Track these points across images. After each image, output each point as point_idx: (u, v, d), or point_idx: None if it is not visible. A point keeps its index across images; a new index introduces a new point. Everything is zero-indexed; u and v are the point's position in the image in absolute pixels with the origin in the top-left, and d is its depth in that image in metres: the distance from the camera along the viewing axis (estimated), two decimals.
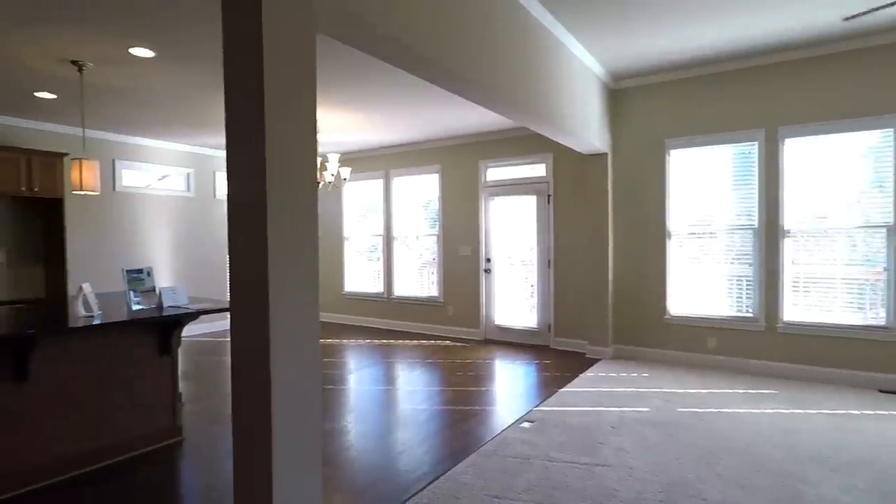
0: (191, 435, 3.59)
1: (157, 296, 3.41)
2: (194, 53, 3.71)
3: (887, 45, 4.27)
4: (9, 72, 4.06)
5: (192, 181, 7.40)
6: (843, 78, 4.47)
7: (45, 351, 2.84)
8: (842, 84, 4.47)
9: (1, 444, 2.71)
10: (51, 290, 5.80)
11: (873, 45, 4.30)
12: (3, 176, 5.13)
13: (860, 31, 4.12)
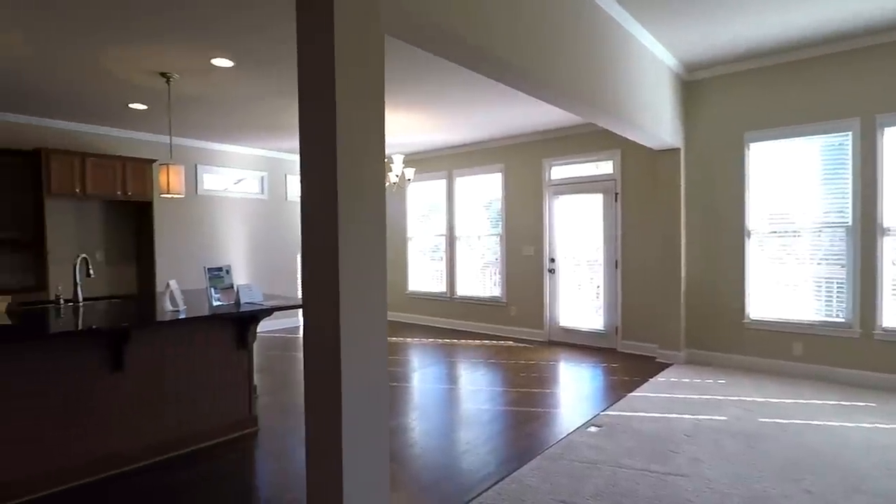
0: (265, 426, 3.77)
1: (234, 293, 3.60)
2: (270, 62, 3.89)
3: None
4: (107, 86, 4.44)
5: (265, 184, 7.78)
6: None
7: (136, 343, 3.07)
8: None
9: (99, 429, 2.96)
10: (141, 287, 6.28)
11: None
12: (101, 182, 5.61)
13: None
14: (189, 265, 6.77)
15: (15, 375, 2.66)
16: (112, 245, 6.18)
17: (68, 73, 4.08)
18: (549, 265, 6.69)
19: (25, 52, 3.64)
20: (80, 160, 5.45)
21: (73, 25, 3.22)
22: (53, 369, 2.79)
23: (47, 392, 2.77)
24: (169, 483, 2.90)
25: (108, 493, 2.77)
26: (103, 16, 3.09)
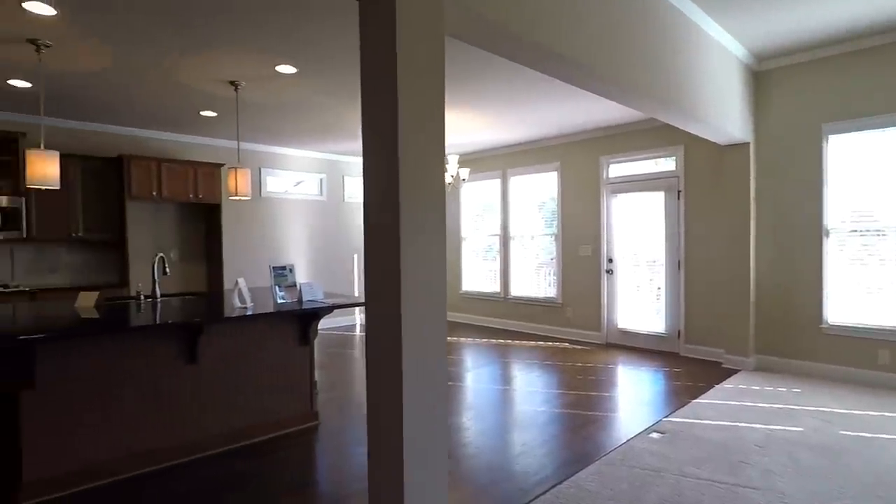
0: (325, 420, 3.88)
1: (297, 290, 3.74)
2: (330, 67, 4.01)
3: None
4: (181, 95, 4.72)
5: (324, 186, 8.03)
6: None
7: (208, 337, 3.25)
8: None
9: (175, 417, 3.15)
10: (211, 284, 6.63)
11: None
12: (175, 185, 5.97)
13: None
14: (253, 264, 7.08)
15: (102, 364, 2.88)
16: (184, 244, 6.56)
17: (148, 84, 4.37)
18: (607, 265, 6.52)
19: (112, 66, 3.93)
20: (156, 165, 5.82)
21: (153, 40, 3.44)
22: (135, 360, 2.99)
23: (130, 381, 2.98)
24: (237, 471, 3.04)
25: (182, 478, 2.95)
26: (179, 30, 3.29)
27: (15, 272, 5.42)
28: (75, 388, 2.80)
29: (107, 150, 5.86)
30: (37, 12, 3.00)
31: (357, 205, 8.46)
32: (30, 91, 4.52)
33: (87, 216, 5.55)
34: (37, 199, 5.23)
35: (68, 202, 5.42)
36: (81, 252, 5.83)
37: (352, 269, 8.40)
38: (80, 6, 2.96)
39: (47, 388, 2.71)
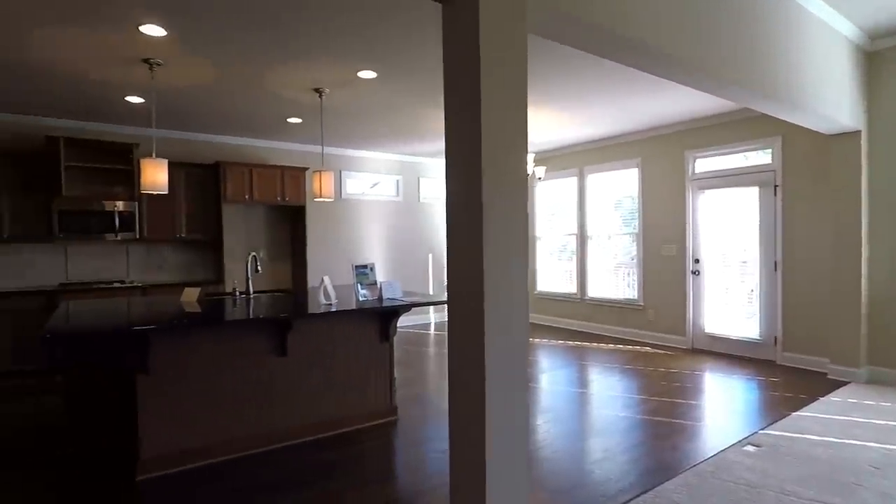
0: (403, 415, 3.97)
1: (378, 288, 3.86)
2: (410, 70, 4.10)
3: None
4: (271, 105, 5.03)
5: (400, 187, 8.22)
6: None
7: (297, 332, 3.43)
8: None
9: (268, 407, 3.35)
10: (296, 282, 7.01)
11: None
12: (264, 189, 6.37)
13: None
14: (334, 262, 7.39)
15: (205, 354, 3.13)
16: (272, 244, 6.97)
17: (243, 95, 4.69)
18: (693, 266, 6.16)
19: (213, 80, 4.26)
20: (248, 171, 6.24)
21: (248, 55, 3.69)
22: (233, 350, 3.23)
23: (229, 370, 3.21)
24: (323, 460, 3.19)
25: (274, 463, 3.13)
26: (270, 43, 3.50)
27: (129, 269, 6.02)
28: (182, 374, 3.06)
29: (206, 157, 6.36)
30: (151, 34, 3.31)
31: (432, 205, 8.59)
32: (142, 106, 5.00)
33: (188, 218, 6.05)
34: (148, 204, 5.77)
35: (174, 206, 5.94)
36: (184, 251, 6.36)
37: (427, 268, 8.54)
38: (187, 27, 3.23)
39: (158, 373, 2.99)
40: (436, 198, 8.63)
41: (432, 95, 4.79)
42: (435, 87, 4.52)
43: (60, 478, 2.98)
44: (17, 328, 5.01)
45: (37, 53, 3.63)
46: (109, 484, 2.88)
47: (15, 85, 4.33)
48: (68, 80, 4.22)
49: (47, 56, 3.68)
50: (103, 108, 5.10)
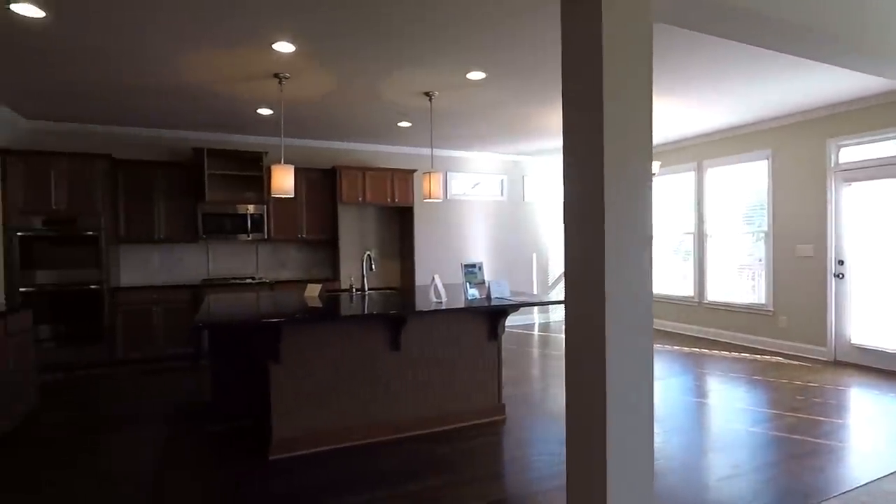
0: (510, 415, 3.96)
1: (486, 288, 3.88)
2: (519, 70, 4.08)
3: None
4: (383, 110, 5.27)
5: (504, 186, 8.21)
6: None
7: (410, 328, 3.56)
8: None
9: (382, 399, 3.52)
10: (404, 280, 7.27)
11: None
12: (376, 191, 6.69)
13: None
14: (441, 261, 7.57)
15: (328, 345, 3.36)
16: (382, 244, 7.30)
17: (359, 102, 4.96)
18: (836, 268, 5.47)
19: (333, 90, 4.56)
20: (361, 174, 6.59)
21: (365, 64, 3.90)
22: (353, 343, 3.43)
23: (349, 361, 3.42)
24: (434, 454, 3.28)
25: (386, 453, 3.28)
26: (385, 52, 3.67)
27: (258, 266, 6.63)
28: (307, 364, 3.31)
29: (323, 162, 6.82)
30: (282, 51, 3.62)
31: (536, 204, 8.47)
32: (270, 117, 5.48)
33: (308, 220, 6.53)
34: (274, 207, 6.31)
35: (296, 208, 6.44)
36: (304, 250, 6.88)
37: (530, 268, 8.45)
38: (314, 43, 3.48)
39: (288, 362, 3.25)
40: (540, 197, 8.50)
41: (540, 93, 4.72)
42: (543, 84, 4.46)
43: (209, 451, 3.36)
44: (169, 318, 5.73)
45: (187, 76, 4.12)
46: (247, 461, 3.20)
47: (169, 104, 4.95)
48: (211, 98, 4.74)
49: (195, 77, 4.16)
50: (238, 121, 5.67)
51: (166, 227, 5.89)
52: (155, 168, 5.84)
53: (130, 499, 2.74)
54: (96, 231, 5.37)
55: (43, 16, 3.04)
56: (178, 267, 6.26)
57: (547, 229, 8.58)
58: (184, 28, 3.25)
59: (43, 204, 5.18)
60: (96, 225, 5.37)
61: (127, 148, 5.95)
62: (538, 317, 8.51)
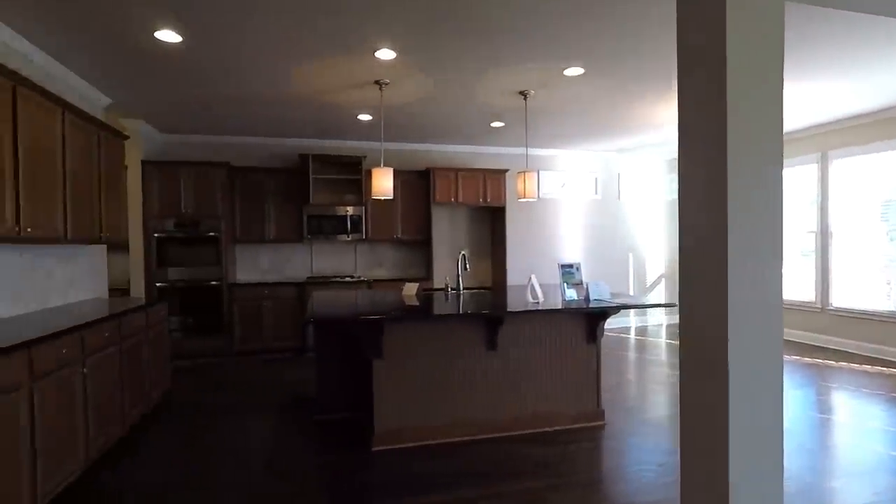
0: (610, 421, 3.82)
1: (585, 289, 3.78)
2: (619, 62, 3.93)
3: None
4: (477, 111, 5.30)
5: (598, 184, 7.94)
6: None
7: (506, 328, 3.55)
8: None
9: (479, 397, 3.54)
10: (495, 280, 7.28)
11: None
12: (468, 191, 6.75)
13: None
14: (532, 261, 7.48)
15: (426, 343, 3.44)
16: (473, 243, 7.35)
17: (453, 104, 5.04)
18: None
19: (429, 94, 4.67)
20: (454, 175, 6.69)
21: (461, 66, 3.95)
22: (450, 342, 3.48)
23: (446, 359, 3.48)
24: (531, 456, 3.24)
25: (481, 452, 3.29)
26: (481, 53, 3.69)
27: (357, 265, 6.95)
28: (407, 360, 3.42)
29: (418, 164, 6.99)
30: (383, 58, 3.77)
31: (632, 202, 8.10)
32: (369, 122, 5.72)
33: (403, 221, 6.73)
34: (372, 208, 6.58)
35: (392, 210, 6.67)
36: (399, 250, 7.10)
37: (626, 269, 8.10)
38: (413, 47, 3.59)
39: (389, 358, 3.38)
40: (636, 195, 8.12)
41: (643, 85, 4.50)
42: (647, 76, 4.25)
43: (315, 439, 3.58)
44: (277, 312, 6.17)
45: (297, 87, 4.41)
46: (350, 450, 3.36)
47: (279, 113, 5.33)
48: (316, 106, 5.04)
49: (304, 88, 4.45)
50: (339, 127, 5.97)
51: (275, 228, 6.35)
52: (266, 174, 6.32)
53: (249, 471, 2.99)
54: (217, 232, 5.92)
55: (180, 40, 3.40)
56: (286, 265, 6.72)
57: (644, 228, 8.18)
58: (295, 43, 3.48)
59: (174, 208, 5.80)
60: (217, 227, 5.92)
61: (242, 156, 6.50)
62: (635, 320, 8.14)
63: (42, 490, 2.47)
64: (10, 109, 2.80)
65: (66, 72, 3.95)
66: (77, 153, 3.56)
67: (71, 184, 3.45)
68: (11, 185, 2.80)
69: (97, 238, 3.87)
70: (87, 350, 2.97)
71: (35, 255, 3.54)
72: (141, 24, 3.16)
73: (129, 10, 3.00)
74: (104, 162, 3.99)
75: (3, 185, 2.73)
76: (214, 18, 3.12)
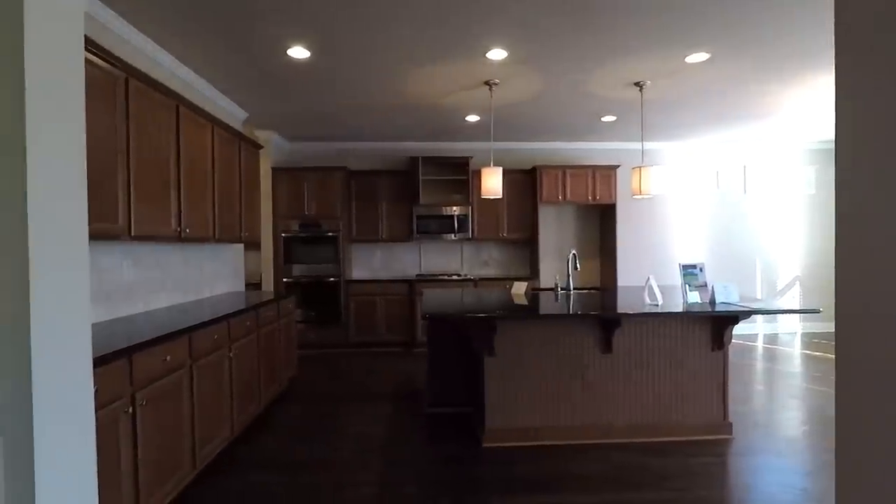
0: (738, 436, 3.52)
1: (710, 291, 3.52)
2: (752, 45, 3.60)
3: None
4: (587, 106, 5.15)
5: (719, 178, 7.33)
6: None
7: (623, 330, 3.41)
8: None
9: (590, 402, 3.44)
10: (603, 280, 7.02)
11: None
12: (576, 189, 6.57)
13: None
14: (643, 261, 7.11)
15: (538, 343, 3.42)
16: (581, 242, 7.15)
17: (562, 100, 4.94)
18: None
19: (539, 91, 4.63)
20: (561, 172, 6.55)
21: (572, 60, 3.87)
22: (562, 342, 3.43)
23: (557, 360, 3.43)
24: (644, 466, 3.09)
25: (591, 458, 3.19)
26: (595, 46, 3.58)
27: (463, 264, 7.07)
28: (521, 359, 3.42)
29: (524, 163, 6.95)
30: (494, 59, 3.80)
31: (760, 197, 7.38)
32: (476, 123, 5.80)
33: (509, 220, 6.73)
34: (478, 208, 6.66)
35: (498, 209, 6.70)
36: (505, 249, 7.11)
37: (753, 271, 7.39)
38: (525, 47, 3.58)
39: (502, 356, 3.40)
40: (764, 189, 7.38)
41: (779, 67, 4.09)
42: (784, 57, 3.85)
43: (427, 431, 3.71)
44: (388, 308, 6.47)
45: (411, 91, 4.59)
46: (460, 445, 3.43)
47: (392, 119, 5.59)
48: (427, 109, 5.21)
49: (416, 92, 4.62)
50: (448, 129, 6.12)
51: (387, 228, 6.67)
52: (379, 176, 6.65)
53: (368, 456, 3.18)
54: (335, 232, 6.34)
55: (308, 55, 3.70)
56: (396, 263, 7.03)
57: (774, 225, 7.41)
58: (412, 51, 3.64)
59: (299, 210, 6.31)
60: (335, 227, 6.34)
61: (358, 160, 6.90)
62: (763, 327, 7.41)
63: (199, 455, 2.83)
64: (174, 126, 3.23)
65: (214, 91, 4.47)
66: (223, 162, 4.01)
67: (218, 190, 3.89)
68: (175, 192, 3.24)
69: (238, 238, 4.33)
70: (232, 336, 3.35)
71: (189, 253, 4.05)
72: (276, 43, 3.49)
73: (265, 32, 3.32)
74: (244, 170, 4.45)
75: (170, 192, 3.16)
76: (341, 33, 3.35)
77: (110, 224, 2.59)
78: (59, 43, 1.40)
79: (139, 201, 2.82)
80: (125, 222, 2.70)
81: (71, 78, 1.45)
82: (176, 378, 2.61)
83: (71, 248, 1.43)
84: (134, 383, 2.25)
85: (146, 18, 3.15)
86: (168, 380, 2.54)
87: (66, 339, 1.38)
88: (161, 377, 2.47)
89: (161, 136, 3.08)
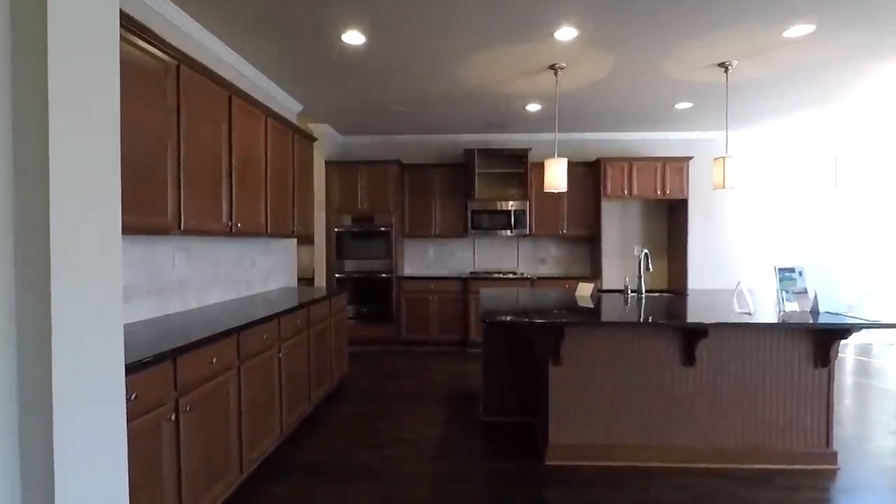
0: (845, 467, 3.05)
1: (811, 299, 3.06)
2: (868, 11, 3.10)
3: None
4: (660, 92, 4.71)
5: (808, 170, 6.63)
6: None
7: (708, 341, 3.01)
8: None
9: (669, 421, 3.07)
10: (671, 282, 6.50)
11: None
12: (643, 183, 6.10)
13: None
14: (717, 262, 6.54)
15: (608, 352, 3.08)
16: (647, 241, 6.65)
17: (632, 85, 4.52)
18: None
19: (608, 73, 4.24)
20: (628, 165, 6.09)
21: (647, 38, 3.47)
22: (635, 352, 3.08)
23: (630, 371, 3.08)
24: (736, 496, 2.70)
25: (671, 484, 2.83)
26: (673, 22, 3.18)
27: (519, 262, 6.74)
28: (589, 368, 3.09)
29: (586, 155, 6.52)
30: (563, 39, 3.47)
31: (857, 192, 6.61)
32: (535, 113, 5.45)
33: (569, 215, 6.35)
34: (536, 203, 6.32)
35: (557, 204, 6.33)
36: (563, 247, 6.73)
37: (842, 275, 6.64)
38: (596, 21, 3.23)
39: (569, 365, 3.09)
40: (863, 182, 6.60)
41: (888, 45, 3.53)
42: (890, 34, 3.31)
43: (483, 442, 3.44)
44: (442, 306, 6.24)
45: (466, 80, 4.32)
46: (520, 460, 3.14)
47: (445, 110, 5.34)
48: (484, 98, 4.92)
49: (474, 80, 4.34)
50: (504, 119, 5.80)
51: (441, 223, 6.44)
52: (433, 170, 6.42)
53: (421, 465, 2.95)
54: (388, 227, 6.18)
55: (363, 41, 3.50)
56: (449, 259, 6.79)
57: (873, 223, 6.62)
58: (472, 33, 3.36)
59: (351, 205, 6.19)
60: (388, 222, 6.17)
61: (411, 153, 6.70)
62: (854, 336, 6.65)
63: (246, 460, 2.69)
64: (227, 115, 3.11)
65: (267, 82, 4.36)
66: (276, 155, 3.89)
67: (271, 183, 3.77)
68: (227, 185, 3.12)
69: (290, 232, 4.21)
70: (283, 335, 3.20)
71: (242, 247, 3.96)
72: (331, 27, 3.30)
73: (320, 15, 3.13)
74: (297, 163, 4.33)
75: (221, 185, 3.05)
76: (398, 16, 3.12)
77: (159, 217, 2.48)
78: (89, 25, 1.26)
79: (189, 195, 2.70)
80: (175, 216, 2.59)
81: (103, 64, 1.31)
82: (223, 381, 2.48)
83: (98, 244, 1.27)
84: (178, 388, 2.11)
85: (196, 1, 3.03)
86: (214, 383, 2.40)
87: (93, 337, 1.24)
88: (207, 380, 2.34)
89: (213, 127, 2.96)
